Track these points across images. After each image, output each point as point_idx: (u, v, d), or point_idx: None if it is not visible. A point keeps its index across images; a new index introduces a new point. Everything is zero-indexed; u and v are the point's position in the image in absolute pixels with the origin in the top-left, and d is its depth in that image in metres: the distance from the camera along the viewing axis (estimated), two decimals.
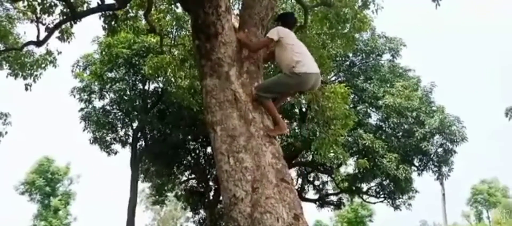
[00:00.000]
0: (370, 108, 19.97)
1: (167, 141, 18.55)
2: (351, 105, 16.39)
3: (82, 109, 18.06)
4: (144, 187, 27.36)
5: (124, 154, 19.54)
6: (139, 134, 19.25)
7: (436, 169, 19.48)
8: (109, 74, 17.98)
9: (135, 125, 19.09)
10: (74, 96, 17.73)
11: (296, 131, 17.74)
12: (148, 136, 19.69)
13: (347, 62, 20.13)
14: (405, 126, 19.12)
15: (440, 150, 19.15)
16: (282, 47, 4.48)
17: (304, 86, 4.61)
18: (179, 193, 24.23)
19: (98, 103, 18.29)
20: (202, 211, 23.38)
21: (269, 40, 4.52)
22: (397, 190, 19.52)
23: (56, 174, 36.21)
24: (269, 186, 3.79)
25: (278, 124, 4.43)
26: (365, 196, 22.87)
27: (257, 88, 4.43)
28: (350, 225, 45.48)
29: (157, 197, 23.81)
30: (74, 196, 37.48)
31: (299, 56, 4.41)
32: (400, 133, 19.50)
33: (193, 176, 23.00)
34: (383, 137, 18.79)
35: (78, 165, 52.75)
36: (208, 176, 21.78)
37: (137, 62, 17.40)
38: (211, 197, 21.79)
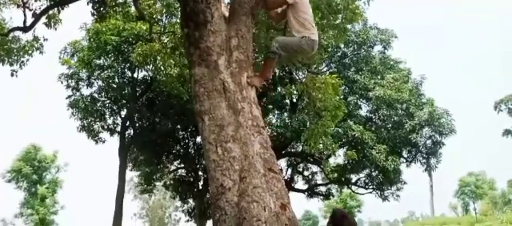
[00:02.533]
0: (361, 99, 20.06)
1: (156, 130, 18.44)
2: (342, 97, 16.42)
3: (69, 96, 17.84)
4: (132, 176, 27.23)
5: (113, 143, 19.41)
6: (128, 123, 19.09)
7: (424, 160, 19.72)
8: (97, 62, 17.73)
9: (123, 113, 18.92)
10: (62, 82, 17.49)
11: (287, 121, 17.76)
12: (137, 125, 19.53)
13: (339, 53, 20.14)
14: (395, 118, 19.26)
15: (428, 141, 19.37)
16: (297, 11, 4.51)
17: (310, 53, 4.74)
18: (168, 182, 24.16)
19: (86, 91, 18.10)
20: (191, 201, 23.38)
21: (286, 1, 4.57)
22: (386, 181, 19.72)
23: (43, 162, 35.85)
24: (257, 176, 3.76)
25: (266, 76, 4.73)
26: (354, 187, 23.06)
27: (278, 41, 4.54)
28: None
29: (145, 186, 23.68)
30: (61, 184, 37.20)
31: (313, 23, 4.56)
32: (390, 125, 19.65)
33: (182, 165, 22.93)
34: (373, 129, 18.92)
35: (66, 153, 52.33)
36: (198, 166, 21.72)
37: (126, 50, 17.17)
38: (200, 187, 21.77)
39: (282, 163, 22.10)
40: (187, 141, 21.37)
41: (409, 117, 18.90)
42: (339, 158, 21.23)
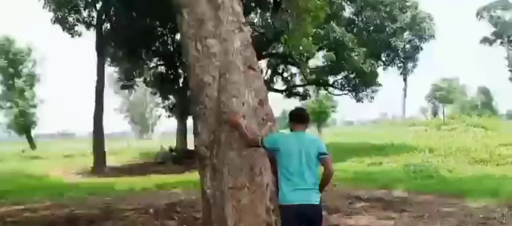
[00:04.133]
0: (345, 0, 19.64)
1: (133, 26, 17.83)
2: None
3: None
4: (112, 71, 26.95)
5: (90, 37, 18.80)
6: (104, 16, 18.32)
7: (401, 64, 20.15)
8: None
9: (99, 6, 18.04)
10: None
11: (269, 21, 17.42)
12: (114, 19, 18.79)
13: None
14: (377, 21, 19.16)
15: (407, 46, 19.60)
16: None
17: None
18: (148, 79, 24.12)
19: None
20: (171, 97, 23.66)
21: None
22: (362, 83, 20.27)
23: (18, 54, 34.90)
24: (236, 72, 3.81)
25: None
26: (330, 88, 23.70)
27: None
28: (314, 115, 47.72)
29: (125, 81, 23.61)
30: (39, 77, 36.75)
31: None
32: (372, 27, 19.61)
33: (162, 62, 22.73)
34: (355, 31, 18.87)
35: (41, 47, 50.52)
36: (178, 64, 21.58)
37: None
38: (180, 84, 21.89)
39: (263, 64, 22.21)
40: (166, 37, 20.89)
41: (391, 20, 18.81)
42: (318, 60, 21.44)
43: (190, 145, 20.19)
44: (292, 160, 3.21)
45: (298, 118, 3.44)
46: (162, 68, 23.18)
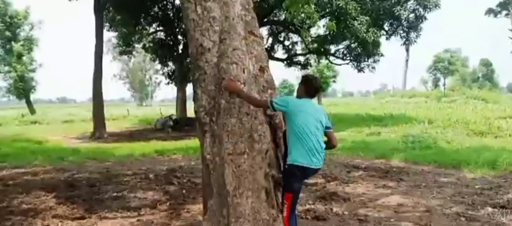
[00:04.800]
0: None
1: None
2: None
3: None
4: (110, 36, 26.68)
5: (87, 0, 18.45)
6: None
7: (404, 34, 19.82)
8: None
9: None
10: None
11: None
12: None
13: None
14: None
15: (411, 15, 19.23)
16: None
17: None
18: (147, 45, 23.89)
19: None
20: (171, 64, 23.49)
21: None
22: (364, 53, 20.05)
23: (15, 17, 34.42)
24: (237, 38, 3.71)
25: None
26: (331, 58, 23.47)
27: None
28: None
29: (124, 47, 23.40)
30: (37, 42, 36.42)
31: None
32: None
33: (161, 28, 22.43)
34: None
35: (39, 10, 49.80)
36: (177, 30, 21.30)
37: None
38: (180, 51, 21.67)
39: (264, 31, 21.91)
40: (165, 2, 20.53)
41: None
42: (320, 28, 21.13)
43: (190, 112, 20.21)
44: (309, 122, 3.32)
45: (315, 90, 3.53)
46: (161, 34, 22.91)
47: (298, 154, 3.30)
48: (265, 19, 19.87)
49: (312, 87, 3.50)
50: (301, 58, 24.90)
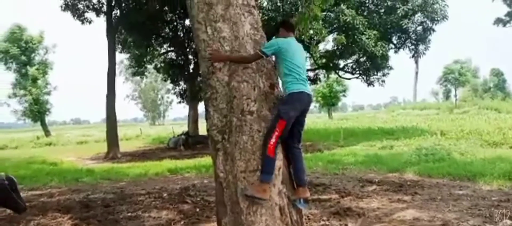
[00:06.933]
0: None
1: (143, 11, 17.85)
2: None
3: None
4: (122, 58, 27.15)
5: (100, 23, 18.91)
6: (113, 2, 18.37)
7: (413, 47, 19.82)
8: None
9: None
10: None
11: (278, 4, 17.25)
12: (123, 4, 18.83)
13: None
14: (388, 2, 18.85)
15: (419, 28, 19.25)
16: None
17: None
18: (159, 65, 24.24)
19: None
20: (182, 83, 23.76)
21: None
22: (373, 67, 20.05)
23: (30, 42, 35.25)
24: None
25: None
26: (341, 72, 23.50)
27: None
28: (325, 99, 47.61)
29: (136, 68, 23.79)
30: (51, 65, 37.18)
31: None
32: (383, 10, 19.30)
33: (172, 48, 22.78)
34: (365, 13, 18.60)
35: (52, 34, 51.12)
36: (188, 49, 21.61)
37: None
38: (191, 70, 21.94)
39: None
40: (175, 23, 20.89)
41: (403, 1, 18.49)
42: (328, 43, 21.25)
43: (202, 130, 20.32)
44: (298, 56, 3.72)
45: (291, 26, 4.11)
46: (172, 55, 23.25)
47: (295, 83, 3.60)
48: (274, 36, 20.04)
49: (288, 23, 4.11)
50: (311, 74, 24.96)
